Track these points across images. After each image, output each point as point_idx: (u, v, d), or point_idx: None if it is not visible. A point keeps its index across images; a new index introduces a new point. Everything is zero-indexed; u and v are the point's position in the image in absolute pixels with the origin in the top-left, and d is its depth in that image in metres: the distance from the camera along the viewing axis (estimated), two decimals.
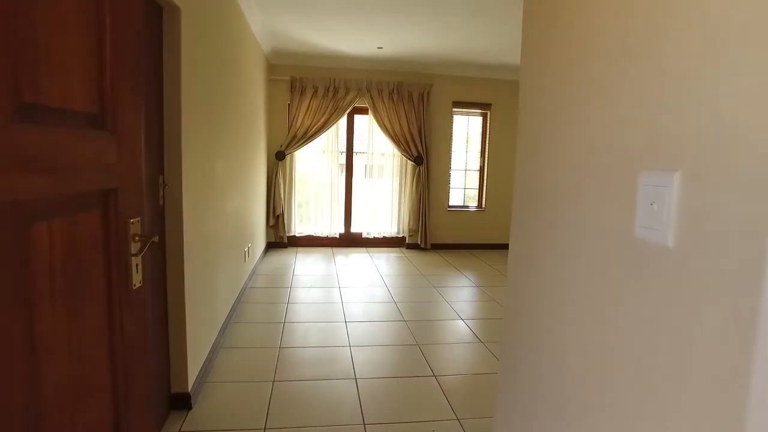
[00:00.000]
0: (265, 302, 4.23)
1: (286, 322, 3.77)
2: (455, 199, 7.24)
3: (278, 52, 5.93)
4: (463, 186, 7.27)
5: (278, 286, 4.73)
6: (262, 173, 5.78)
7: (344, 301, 4.34)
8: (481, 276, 5.48)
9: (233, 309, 3.77)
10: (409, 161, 6.52)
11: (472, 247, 6.99)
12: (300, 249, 6.47)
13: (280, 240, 6.39)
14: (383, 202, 6.71)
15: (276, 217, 6.29)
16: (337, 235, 6.67)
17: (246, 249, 4.47)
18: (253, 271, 4.98)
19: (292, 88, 6.13)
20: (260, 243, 5.64)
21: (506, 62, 6.02)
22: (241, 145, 4.07)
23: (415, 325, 3.82)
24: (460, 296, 4.70)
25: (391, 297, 4.52)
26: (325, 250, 6.51)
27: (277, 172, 6.18)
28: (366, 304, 4.28)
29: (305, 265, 5.60)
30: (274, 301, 4.28)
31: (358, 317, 3.94)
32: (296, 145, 6.21)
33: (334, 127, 6.35)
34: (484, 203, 7.03)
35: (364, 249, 6.65)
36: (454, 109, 6.73)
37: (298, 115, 6.14)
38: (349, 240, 6.77)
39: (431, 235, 6.75)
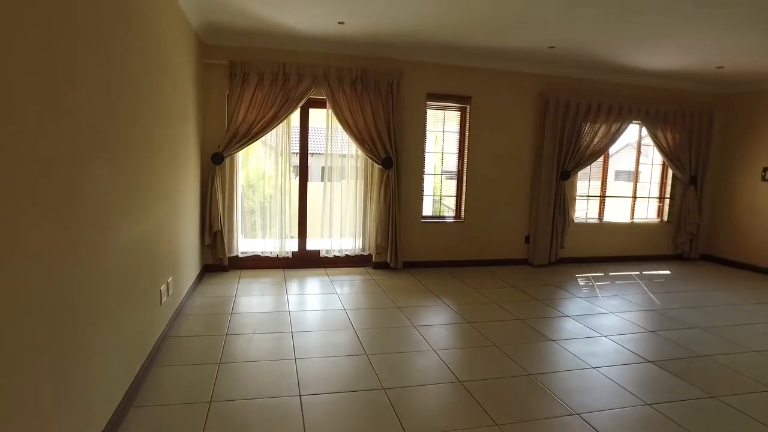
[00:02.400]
0: (190, 362, 3.07)
1: (215, 399, 2.63)
2: (430, 208, 6.24)
3: (213, 29, 4.73)
4: (438, 193, 6.28)
5: (211, 333, 3.57)
6: (194, 181, 4.58)
7: (298, 356, 3.23)
8: (468, 305, 4.49)
9: (137, 382, 2.60)
10: (375, 164, 5.46)
11: (451, 265, 6.01)
12: (244, 273, 5.29)
13: (219, 262, 5.19)
14: (345, 214, 5.62)
15: (213, 235, 5.09)
16: (290, 255, 5.52)
17: (163, 287, 3.28)
18: (179, 312, 3.79)
19: (232, 75, 4.94)
20: (191, 270, 4.45)
21: (488, 45, 5.05)
22: (150, 146, 2.90)
23: (398, 396, 2.76)
24: (449, 340, 3.67)
25: (360, 346, 3.44)
26: (276, 273, 5.35)
27: (213, 178, 4.98)
28: (328, 362, 3.18)
29: (249, 298, 4.44)
30: (201, 360, 3.11)
31: (318, 384, 2.84)
32: (238, 145, 5.02)
33: (285, 122, 5.21)
34: (463, 213, 6.06)
35: (322, 271, 5.54)
36: (429, 103, 5.73)
37: (240, 109, 4.96)
38: (305, 260, 5.64)
39: (402, 251, 5.72)
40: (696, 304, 4.87)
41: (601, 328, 4.04)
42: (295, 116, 5.33)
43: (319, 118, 5.55)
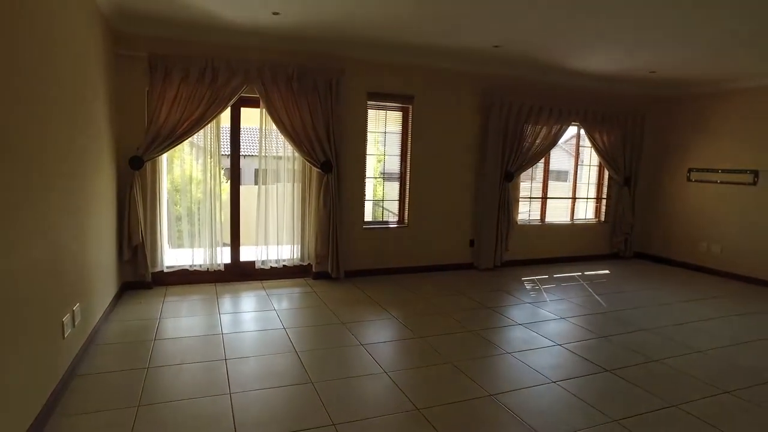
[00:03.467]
0: (100, 407, 2.58)
1: None
2: (373, 213, 5.96)
3: (128, 15, 4.18)
4: (381, 198, 6.01)
5: (128, 367, 3.07)
6: (107, 189, 4.01)
7: (233, 389, 2.82)
8: (418, 317, 4.24)
9: None
10: (314, 168, 5.09)
11: (395, 272, 5.75)
12: (171, 290, 4.75)
13: (141, 279, 4.62)
14: (282, 220, 5.21)
15: (133, 249, 4.52)
16: (222, 267, 5.03)
17: (67, 317, 2.77)
18: (90, 342, 3.26)
19: (152, 69, 4.40)
20: (106, 291, 3.88)
21: (432, 42, 4.84)
22: (40, 151, 2.40)
23: None
24: (402, 359, 3.40)
25: (304, 372, 3.08)
26: (207, 289, 4.85)
27: (132, 185, 4.41)
28: (269, 395, 2.79)
29: (176, 321, 3.94)
30: (115, 403, 2.63)
31: (259, 426, 2.46)
32: (160, 148, 4.49)
33: (214, 123, 4.73)
34: (407, 218, 5.82)
35: (258, 284, 5.09)
36: (370, 102, 5.43)
37: (162, 107, 4.43)
38: (239, 272, 5.17)
39: (344, 260, 5.39)
40: (638, 304, 4.90)
41: (555, 336, 3.92)
42: (226, 116, 4.87)
43: (252, 117, 5.10)
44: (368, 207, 5.77)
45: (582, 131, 6.73)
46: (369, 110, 5.44)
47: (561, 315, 4.48)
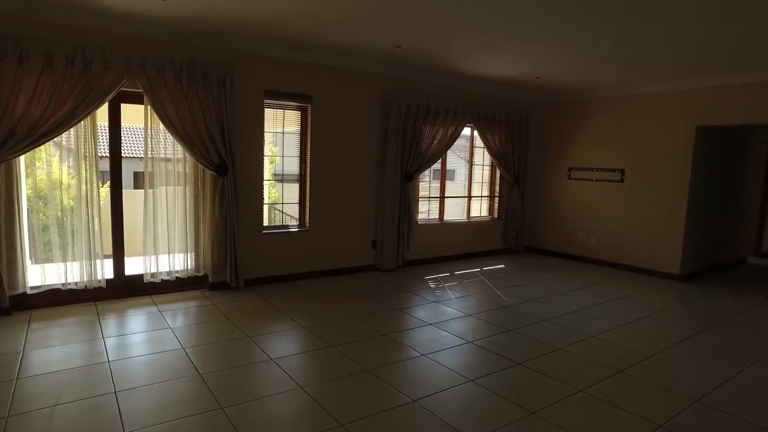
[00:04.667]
0: None
1: None
2: (272, 217, 5.66)
3: None
4: (281, 201, 5.72)
5: None
6: None
7: (128, 429, 2.43)
8: (327, 324, 4.07)
9: None
10: (208, 170, 4.69)
11: (298, 278, 5.51)
12: (37, 314, 4.06)
13: None
14: (174, 228, 4.73)
15: None
16: (104, 283, 4.43)
17: None
18: None
19: (1, 52, 3.71)
20: None
21: (332, 41, 4.69)
22: None
23: None
24: (317, 371, 3.20)
25: (212, 397, 2.76)
26: (85, 310, 4.23)
27: None
28: (173, 429, 2.45)
29: (47, 352, 3.35)
30: None
31: None
32: (16, 149, 3.80)
33: (89, 120, 4.14)
34: (307, 221, 5.61)
35: (148, 299, 4.57)
36: (267, 101, 5.14)
37: (17, 99, 3.76)
38: (125, 288, 4.60)
39: (244, 268, 5.04)
40: (535, 296, 5.19)
41: (465, 334, 3.99)
42: (103, 112, 4.29)
43: (135, 115, 4.56)
44: (268, 211, 5.46)
45: (476, 132, 7.01)
46: (266, 109, 5.15)
47: (467, 312, 4.58)
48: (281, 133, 5.49)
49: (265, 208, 5.36)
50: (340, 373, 3.17)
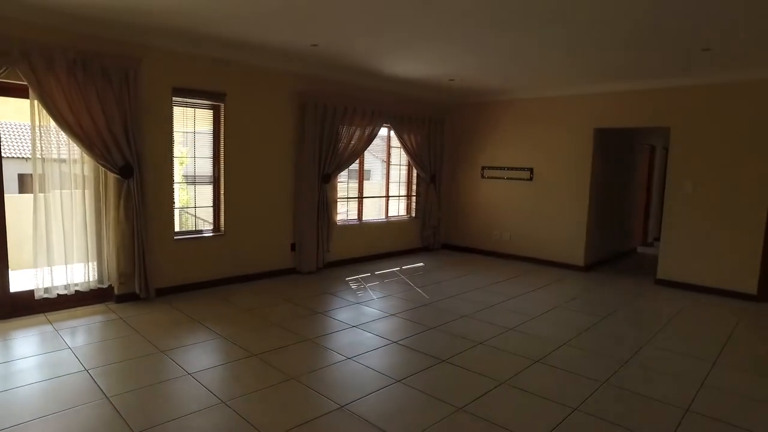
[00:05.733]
0: None
1: None
2: (185, 222, 5.34)
3: None
4: (193, 204, 5.40)
5: None
6: None
7: None
8: (248, 333, 3.90)
9: None
10: (112, 173, 4.32)
11: (214, 285, 5.24)
12: None
13: None
14: (72, 237, 4.29)
15: None
16: None
17: None
18: None
19: None
20: None
21: (246, 37, 4.51)
22: None
23: None
24: (240, 383, 3.04)
25: (124, 425, 2.52)
26: None
27: None
28: None
29: None
30: None
31: None
32: None
33: None
34: (223, 225, 5.35)
35: (42, 318, 4.10)
36: (176, 99, 4.82)
37: None
38: (10, 307, 4.09)
39: (155, 277, 4.70)
40: (455, 292, 5.34)
41: (389, 334, 4.00)
42: None
43: (18, 110, 4.07)
44: (179, 215, 5.14)
45: (392, 132, 7.08)
46: (176, 107, 4.83)
47: (390, 312, 4.60)
48: (192, 133, 5.17)
49: (177, 212, 5.03)
50: (265, 383, 3.04)
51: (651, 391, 3.09)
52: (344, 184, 6.87)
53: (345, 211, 6.97)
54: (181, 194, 5.24)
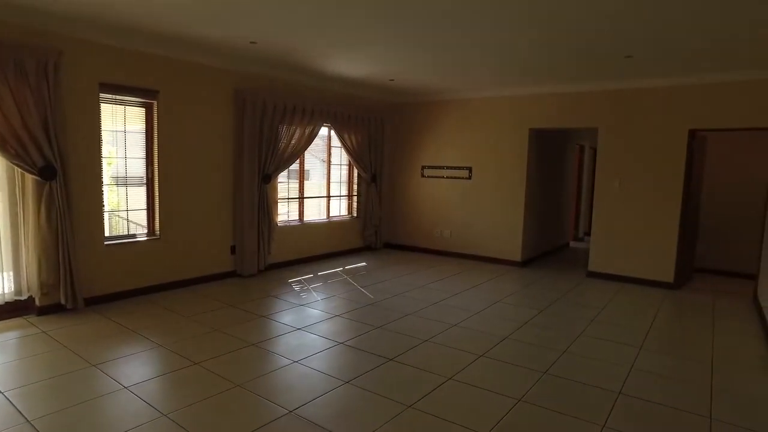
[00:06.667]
0: None
1: None
2: (115, 226, 5.03)
3: None
4: (125, 207, 5.10)
5: None
6: None
7: None
8: (188, 340, 3.74)
9: None
10: (29, 174, 3.99)
11: (150, 291, 4.99)
12: None
13: None
14: None
15: None
16: None
17: None
18: None
19: None
20: None
21: (180, 31, 4.32)
22: None
23: None
24: (181, 394, 2.90)
25: None
26: None
27: None
28: None
29: None
30: None
31: None
32: None
33: None
34: (157, 229, 5.10)
35: None
36: (104, 95, 4.54)
37: None
38: None
39: (83, 285, 4.40)
40: (398, 291, 5.38)
41: (334, 335, 3.97)
42: None
43: None
44: (110, 219, 4.84)
45: (333, 132, 7.03)
46: (103, 104, 4.54)
47: (334, 312, 4.57)
48: (123, 132, 4.88)
49: (106, 216, 4.73)
50: (208, 392, 2.92)
51: (587, 378, 3.26)
52: (285, 185, 6.74)
53: (286, 212, 6.84)
54: (110, 197, 4.93)
